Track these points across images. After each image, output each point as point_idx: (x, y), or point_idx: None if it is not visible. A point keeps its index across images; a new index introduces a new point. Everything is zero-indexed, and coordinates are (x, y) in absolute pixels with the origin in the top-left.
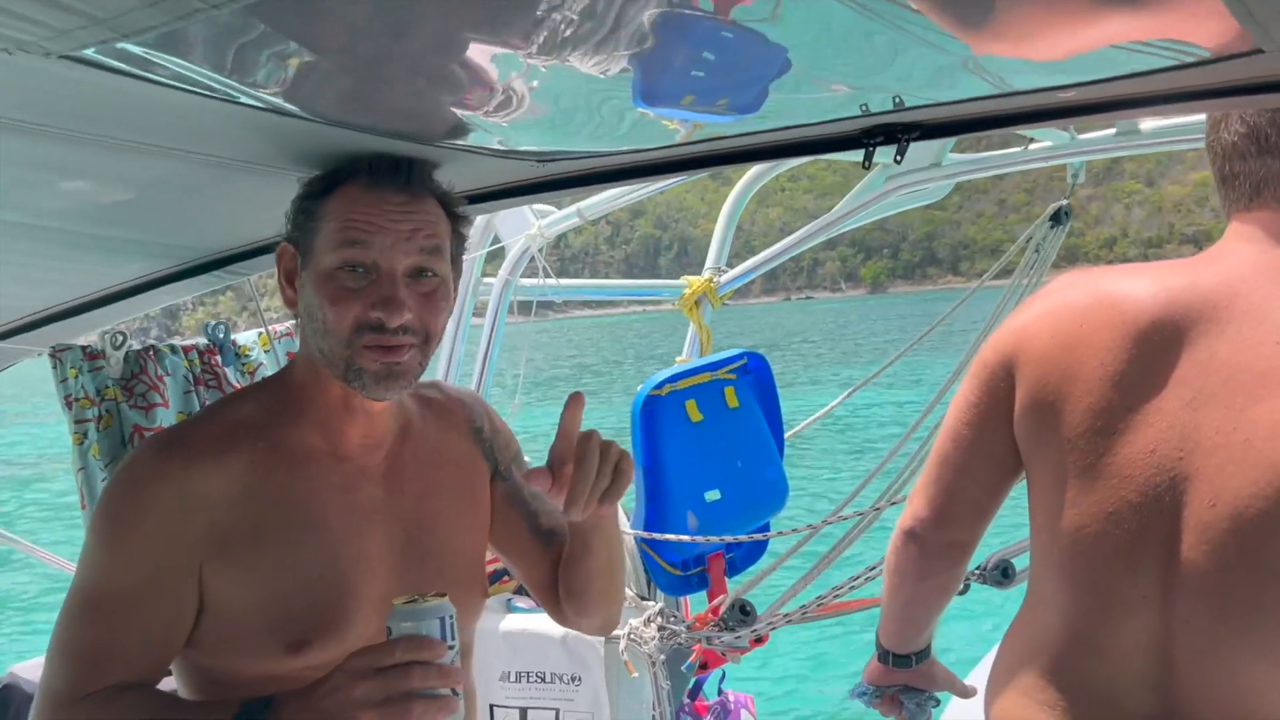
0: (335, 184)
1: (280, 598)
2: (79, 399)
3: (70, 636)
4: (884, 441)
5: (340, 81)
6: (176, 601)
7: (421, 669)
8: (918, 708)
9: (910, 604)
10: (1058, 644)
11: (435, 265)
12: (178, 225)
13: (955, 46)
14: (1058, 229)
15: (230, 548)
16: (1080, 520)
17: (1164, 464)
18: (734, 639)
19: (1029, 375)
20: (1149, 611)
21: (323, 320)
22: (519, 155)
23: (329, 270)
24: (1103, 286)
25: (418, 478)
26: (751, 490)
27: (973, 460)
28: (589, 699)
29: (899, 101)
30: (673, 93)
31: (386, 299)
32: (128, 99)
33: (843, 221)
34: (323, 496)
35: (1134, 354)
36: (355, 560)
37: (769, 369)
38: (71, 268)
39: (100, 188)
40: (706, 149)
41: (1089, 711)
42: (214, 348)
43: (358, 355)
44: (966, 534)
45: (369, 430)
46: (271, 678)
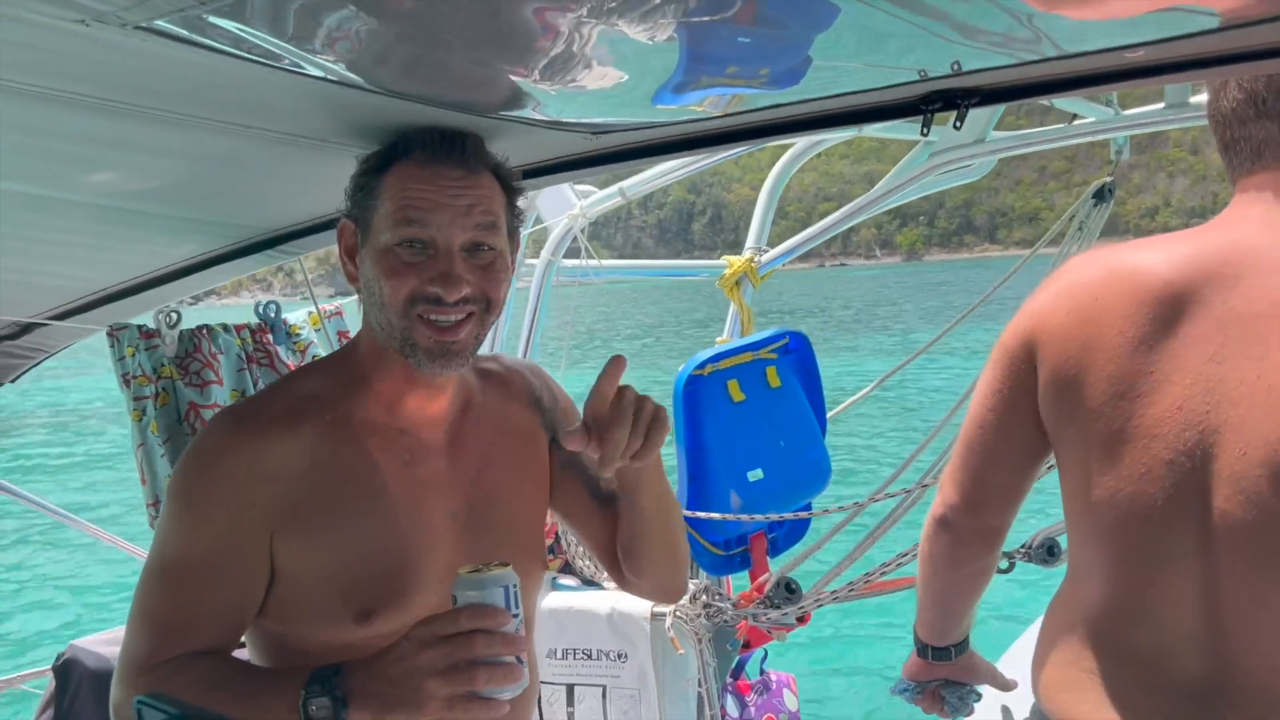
0: (391, 160)
1: (348, 568)
2: (136, 377)
3: (148, 605)
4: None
5: (399, 49)
6: (249, 571)
7: (486, 637)
8: (960, 701)
9: (946, 593)
10: (1099, 612)
11: (491, 240)
12: (235, 203)
13: (1018, 5)
14: (1101, 206)
15: (300, 519)
16: (1113, 485)
17: (1192, 419)
18: (780, 616)
19: (1049, 354)
20: (1190, 568)
21: (380, 294)
22: (571, 127)
23: (387, 246)
24: (1114, 260)
25: (479, 450)
26: (794, 470)
27: (1000, 445)
28: (635, 675)
29: (957, 66)
30: (726, 60)
31: (444, 274)
32: (195, 72)
33: (884, 200)
34: (387, 469)
35: (1151, 317)
36: (419, 532)
37: (810, 348)
38: (130, 247)
39: (163, 164)
40: (760, 119)
41: (1134, 676)
42: (265, 326)
43: (413, 328)
44: (998, 519)
45: (432, 404)
46: (339, 645)
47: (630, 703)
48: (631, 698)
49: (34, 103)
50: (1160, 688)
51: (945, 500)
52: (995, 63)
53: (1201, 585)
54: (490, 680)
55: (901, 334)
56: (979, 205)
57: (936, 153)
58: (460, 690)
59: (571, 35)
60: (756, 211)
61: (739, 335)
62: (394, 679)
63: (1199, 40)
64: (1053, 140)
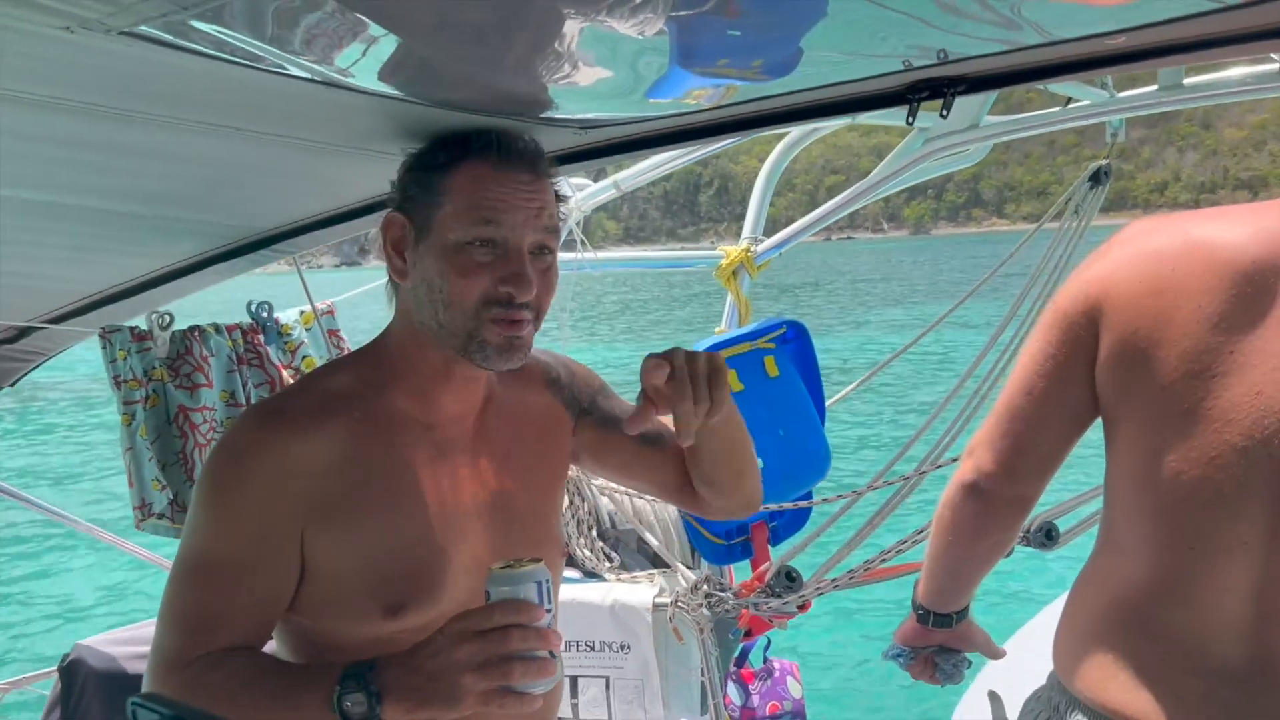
0: (457, 158)
1: (377, 563)
2: (127, 380)
3: (179, 601)
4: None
5: (385, 49)
6: (279, 566)
7: (520, 632)
8: (953, 669)
9: (963, 561)
10: (1141, 591)
11: (553, 243)
12: (227, 204)
13: None
14: (1097, 189)
15: (330, 514)
16: (1178, 466)
17: (1271, 405)
18: (781, 604)
19: (1116, 323)
20: (1249, 557)
21: (446, 293)
22: (560, 123)
23: (458, 244)
24: (1192, 230)
25: (501, 443)
26: (794, 459)
27: (1047, 412)
28: (638, 666)
29: (943, 55)
30: (713, 54)
31: (516, 275)
32: (183, 76)
33: (879, 187)
34: (416, 464)
35: (1233, 295)
36: (447, 526)
37: (809, 337)
38: (124, 250)
39: (154, 167)
40: (747, 111)
41: (1172, 657)
42: (257, 327)
43: (482, 328)
44: (1032, 488)
45: (463, 399)
46: (370, 639)
47: (634, 693)
48: (635, 688)
49: (24, 108)
50: (1198, 671)
51: (978, 467)
52: (980, 50)
53: (1257, 574)
54: (525, 675)
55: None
56: (987, 179)
57: (931, 139)
58: (495, 685)
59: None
60: (752, 201)
61: (736, 325)
62: (430, 674)
63: (1181, 25)
64: (1047, 124)
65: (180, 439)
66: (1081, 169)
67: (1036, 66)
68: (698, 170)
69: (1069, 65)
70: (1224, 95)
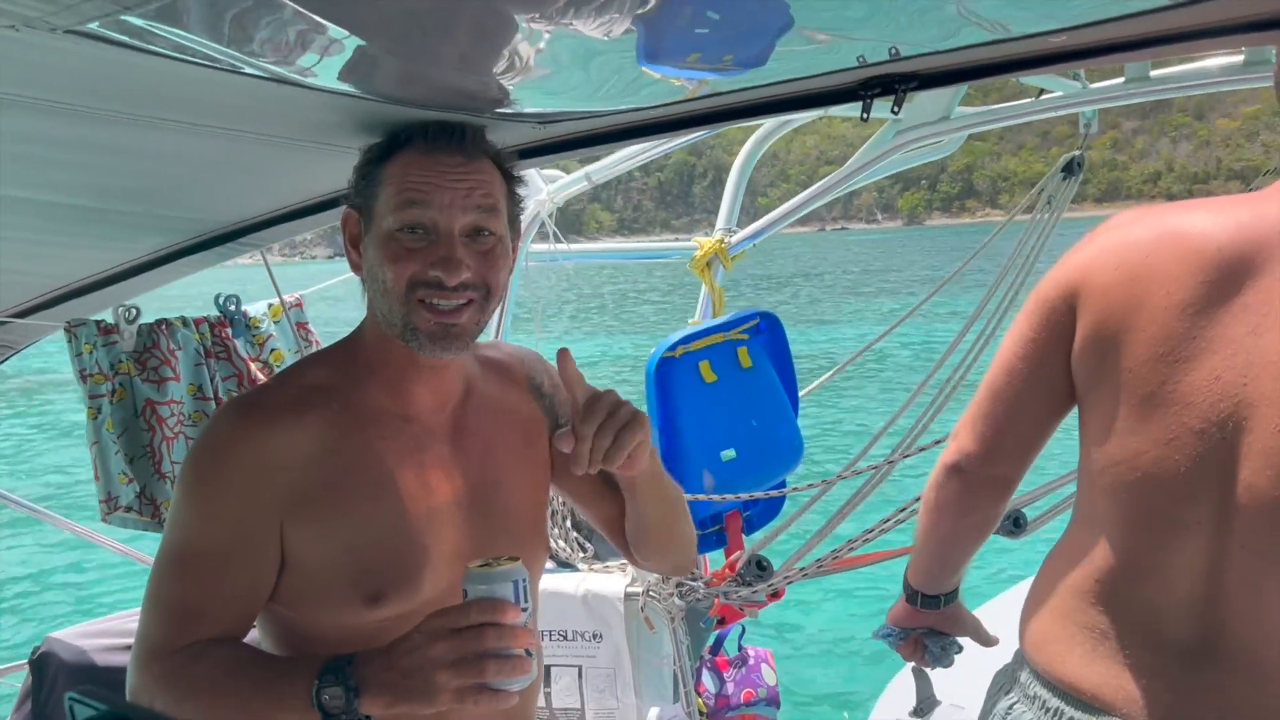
0: (394, 149)
1: (357, 553)
2: (93, 374)
3: (162, 592)
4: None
5: (339, 47)
6: (260, 557)
7: (495, 630)
8: (941, 651)
9: (947, 541)
10: (1102, 568)
11: (491, 224)
12: (191, 199)
13: None
14: (1070, 180)
15: (309, 506)
16: (1138, 446)
17: (1228, 390)
18: (751, 593)
19: (1092, 308)
20: (1203, 536)
21: (382, 280)
22: (519, 118)
23: (389, 232)
24: (1168, 221)
25: (481, 436)
26: (766, 448)
27: (1026, 395)
28: (610, 655)
29: (895, 52)
30: (673, 50)
31: (444, 258)
32: (137, 74)
33: (852, 179)
34: (394, 456)
35: (1200, 282)
36: (426, 517)
37: (781, 328)
38: (88, 244)
39: (115, 163)
40: (706, 106)
41: (1128, 635)
42: (225, 320)
43: (413, 313)
44: (1013, 469)
45: (435, 390)
46: (350, 629)
47: (606, 682)
48: (607, 677)
49: None
50: (1151, 646)
51: (960, 447)
52: (930, 48)
53: (1209, 553)
54: (499, 672)
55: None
56: (981, 170)
57: (903, 131)
58: (470, 682)
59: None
60: (726, 193)
61: (710, 317)
62: (405, 670)
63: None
64: (1019, 116)
65: (148, 432)
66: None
67: (988, 63)
68: (692, 161)
69: (1020, 62)
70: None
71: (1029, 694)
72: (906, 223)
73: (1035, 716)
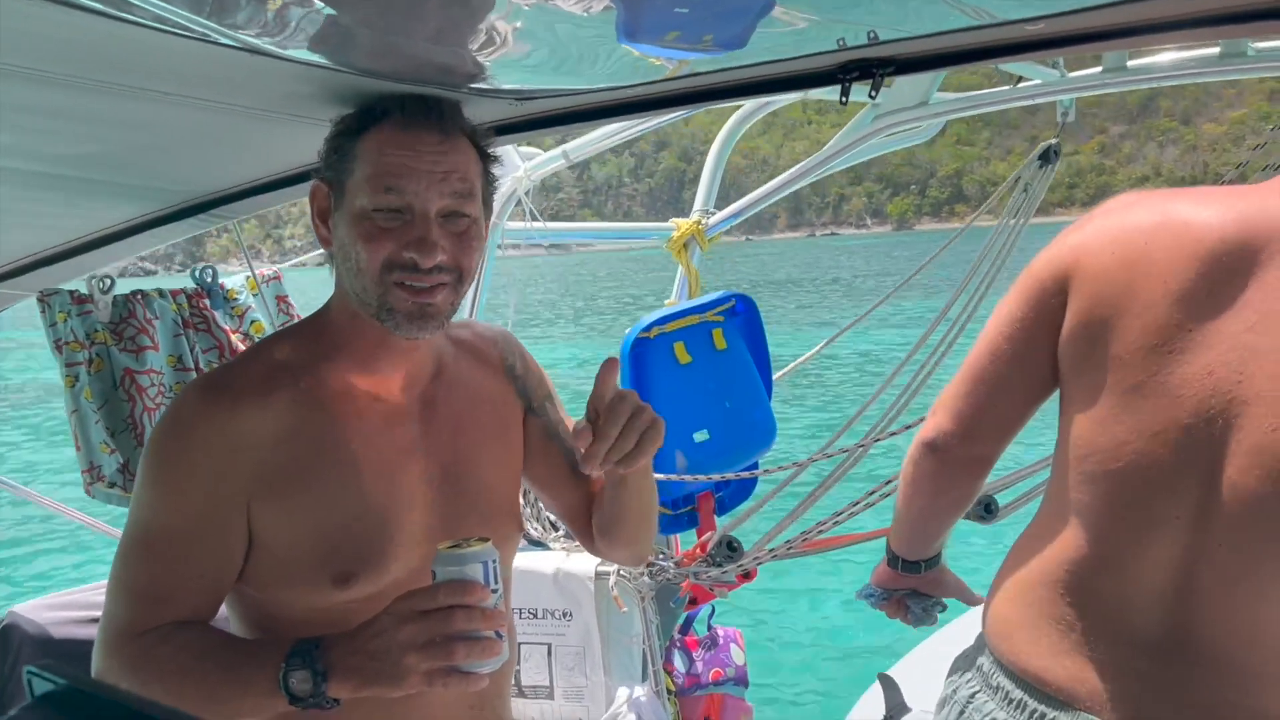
0: (368, 123)
1: (326, 533)
2: (69, 342)
3: (128, 575)
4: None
5: (312, 17)
6: (227, 538)
7: (465, 612)
8: (924, 612)
9: (924, 515)
10: (1074, 557)
11: (467, 207)
12: (165, 168)
13: None
14: (1046, 168)
15: (276, 485)
16: (1122, 436)
17: (1221, 386)
18: (721, 574)
19: (1085, 292)
20: (1181, 532)
21: (356, 259)
22: (496, 94)
23: (364, 211)
24: (1169, 207)
25: (452, 415)
26: (739, 430)
27: (1010, 376)
28: (580, 634)
29: (874, 36)
30: (653, 28)
31: (420, 240)
32: (110, 41)
33: (830, 162)
34: (363, 434)
35: (1199, 273)
36: (395, 496)
37: (757, 311)
38: (60, 212)
39: (89, 131)
40: (685, 86)
41: (1096, 627)
42: (202, 291)
43: (389, 294)
44: (990, 449)
45: (406, 368)
46: (320, 609)
47: (575, 660)
48: (576, 655)
49: None
50: (1118, 640)
51: (938, 426)
52: (909, 32)
53: (1185, 549)
54: (469, 655)
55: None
56: (970, 174)
57: (881, 115)
58: (439, 665)
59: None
60: (704, 175)
61: (686, 298)
62: (373, 653)
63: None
64: (997, 103)
65: (128, 403)
66: (1065, 164)
67: (967, 49)
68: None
69: (999, 49)
70: (1166, 78)
71: (991, 684)
72: (896, 228)
73: (997, 707)
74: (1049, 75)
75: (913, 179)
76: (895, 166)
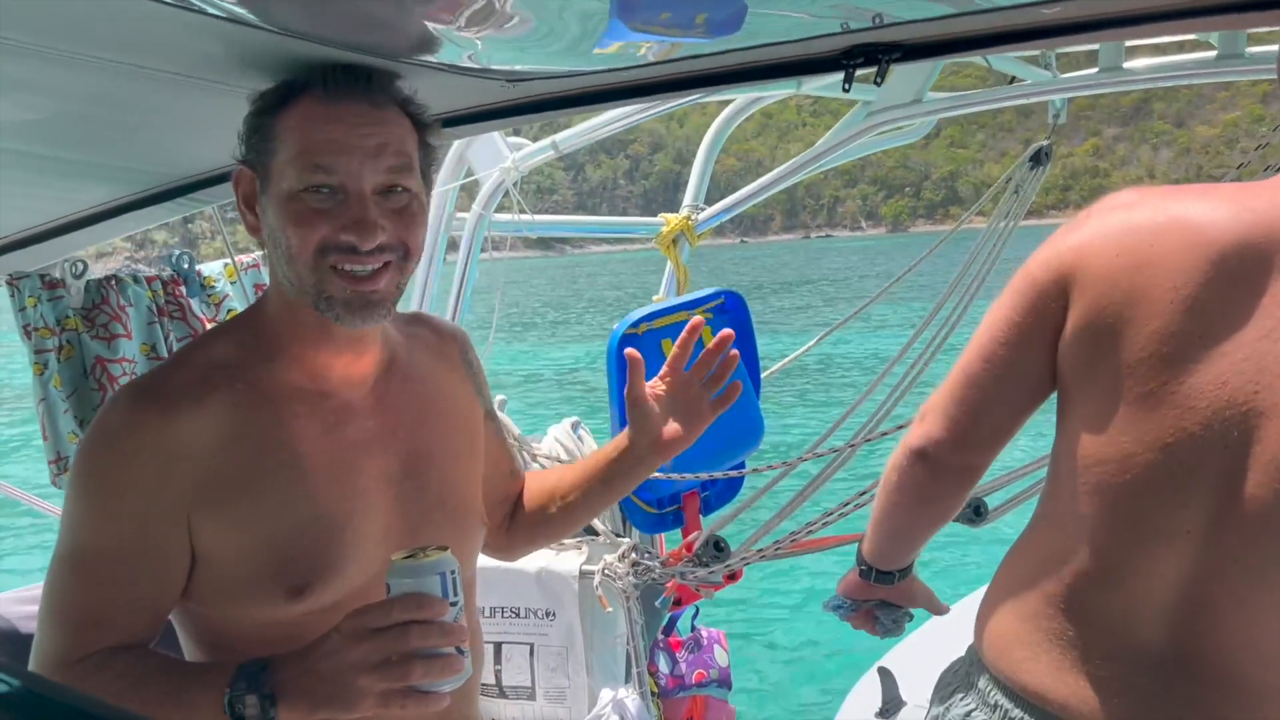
0: (287, 98)
1: (275, 542)
2: (38, 329)
3: (60, 600)
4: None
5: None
6: (166, 556)
7: (421, 628)
8: (894, 623)
9: (905, 524)
10: (1075, 571)
11: (405, 181)
12: (136, 148)
13: None
14: (1038, 169)
15: (218, 495)
16: (1130, 448)
17: (1235, 397)
18: (707, 574)
19: (1088, 295)
20: (1190, 546)
21: (287, 245)
22: (488, 74)
23: (291, 193)
24: (1173, 206)
25: (410, 408)
26: (727, 428)
27: (1005, 381)
28: (563, 633)
29: (879, 19)
30: (651, 8)
31: (357, 221)
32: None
33: (821, 160)
34: (310, 435)
35: (1211, 278)
36: (350, 497)
37: (746, 308)
38: (30, 193)
39: (55, 105)
40: (683, 70)
41: (1099, 643)
42: (178, 278)
43: (326, 281)
44: (981, 457)
45: (352, 362)
46: (274, 624)
47: (558, 660)
48: (559, 655)
49: None
50: (1120, 656)
51: (928, 433)
52: (916, 15)
53: (1195, 564)
54: (428, 673)
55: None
56: (965, 177)
57: (874, 112)
58: (395, 685)
59: None
60: (694, 170)
61: (675, 294)
62: (324, 675)
63: None
64: (990, 102)
65: (98, 392)
66: (1058, 166)
67: (972, 36)
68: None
69: (1005, 36)
70: (1161, 79)
71: (988, 701)
72: (890, 230)
73: None
74: (1042, 76)
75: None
76: (890, 169)
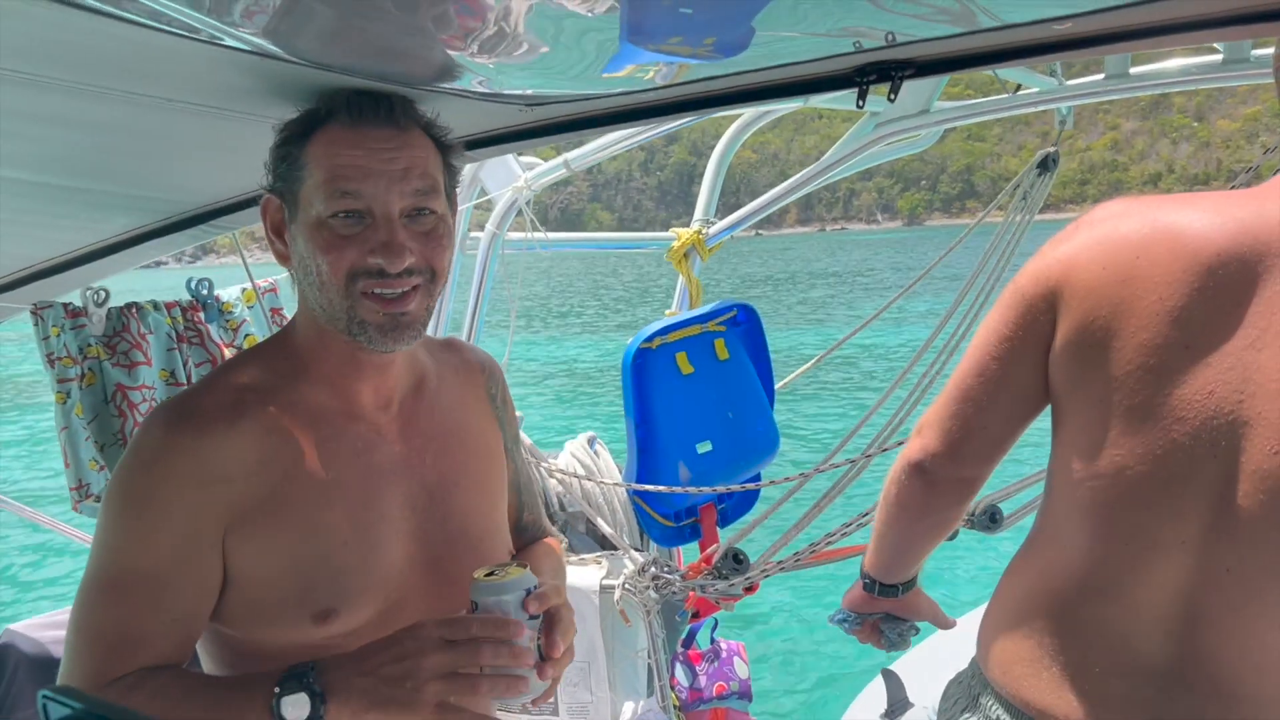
0: (313, 126)
1: (304, 566)
2: (61, 358)
3: (91, 621)
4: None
5: (322, 18)
6: (199, 577)
7: (494, 648)
8: (899, 636)
9: (905, 538)
10: (1073, 585)
11: (432, 204)
12: (159, 177)
13: None
14: (1045, 176)
15: (251, 518)
16: (1122, 461)
17: (1222, 407)
18: (727, 587)
19: (1076, 308)
20: (1185, 557)
21: (318, 271)
22: (505, 99)
23: (320, 219)
24: (1160, 217)
25: (435, 434)
26: (742, 441)
27: (998, 395)
28: (584, 648)
29: (891, 38)
30: (663, 31)
31: (385, 244)
32: (113, 44)
33: (830, 171)
34: (339, 459)
35: (1196, 289)
36: (377, 523)
37: (759, 321)
38: (55, 223)
39: (85, 139)
40: (697, 91)
41: (1098, 658)
42: (197, 304)
43: (358, 306)
44: (978, 470)
45: (380, 386)
46: (299, 647)
47: (580, 675)
48: (581, 670)
49: None
50: (1122, 670)
51: (925, 447)
52: (928, 34)
53: (1190, 575)
54: (492, 691)
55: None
56: (982, 170)
57: (882, 124)
58: (461, 697)
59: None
60: (704, 184)
61: (687, 308)
62: (388, 677)
63: (1127, 12)
64: (997, 110)
65: (119, 418)
66: (1075, 158)
67: (984, 52)
68: (691, 161)
69: (1016, 51)
70: (1167, 85)
71: (992, 718)
72: (906, 223)
73: None
74: (1048, 83)
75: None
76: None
